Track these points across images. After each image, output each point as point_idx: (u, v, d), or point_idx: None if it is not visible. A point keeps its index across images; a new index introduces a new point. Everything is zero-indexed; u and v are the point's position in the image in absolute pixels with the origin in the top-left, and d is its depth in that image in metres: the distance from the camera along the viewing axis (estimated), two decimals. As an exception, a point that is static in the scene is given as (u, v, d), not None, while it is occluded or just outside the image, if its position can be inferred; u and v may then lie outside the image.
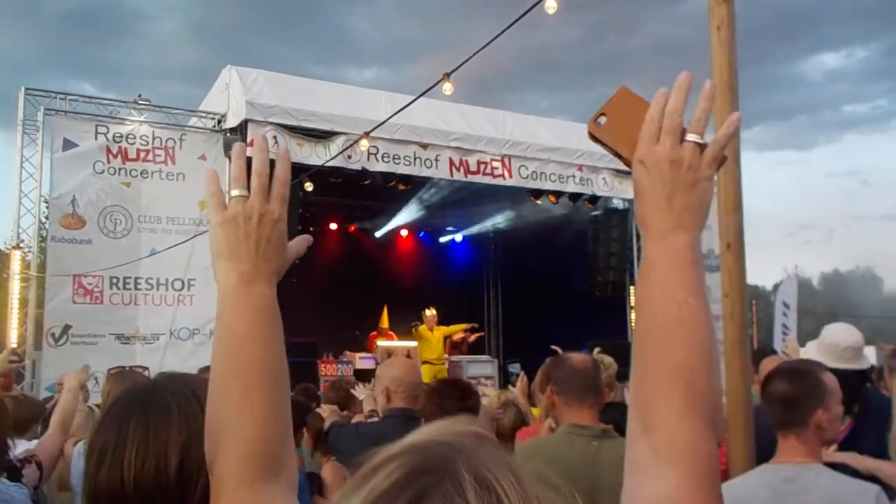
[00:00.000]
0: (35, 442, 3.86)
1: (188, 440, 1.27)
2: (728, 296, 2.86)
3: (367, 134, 9.56)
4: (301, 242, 1.24)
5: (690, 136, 1.05)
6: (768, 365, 3.93)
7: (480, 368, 13.02)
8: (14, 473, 3.12)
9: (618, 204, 13.95)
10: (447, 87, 7.16)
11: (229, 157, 1.23)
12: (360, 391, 4.59)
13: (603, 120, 1.11)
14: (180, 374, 1.48)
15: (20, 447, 3.83)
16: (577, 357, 3.20)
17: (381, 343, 12.80)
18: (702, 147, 1.05)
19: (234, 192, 1.15)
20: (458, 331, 13.81)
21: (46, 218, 10.35)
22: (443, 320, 13.58)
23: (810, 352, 4.15)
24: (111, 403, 1.41)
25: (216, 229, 1.15)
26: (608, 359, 4.89)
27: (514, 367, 10.56)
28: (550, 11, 5.37)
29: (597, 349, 5.76)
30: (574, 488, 0.74)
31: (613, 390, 4.84)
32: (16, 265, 9.84)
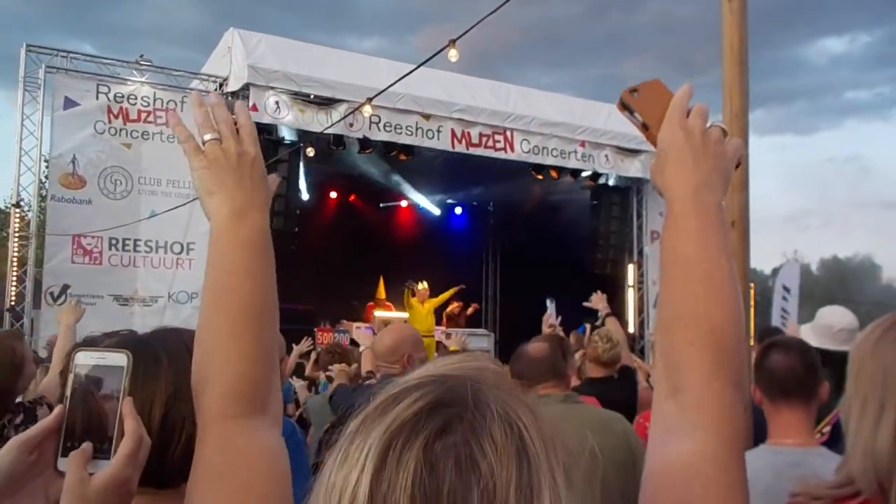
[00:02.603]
0: None
1: (175, 393, 1.26)
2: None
3: (369, 100, 9.50)
4: (271, 181, 1.23)
5: (717, 123, 1.13)
6: None
7: (477, 342, 13.01)
8: (30, 415, 3.13)
9: (619, 182, 13.91)
10: (453, 54, 7.10)
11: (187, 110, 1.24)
12: (361, 336, 4.61)
13: (636, 94, 1.18)
14: (176, 329, 1.47)
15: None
16: (533, 347, 3.24)
17: (378, 313, 12.81)
18: (725, 133, 1.13)
19: (207, 137, 1.17)
20: (447, 298, 13.74)
21: (46, 177, 10.30)
22: (440, 293, 13.56)
23: (805, 334, 4.15)
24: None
25: (200, 171, 1.15)
26: (615, 335, 4.90)
27: (552, 308, 10.36)
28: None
29: (612, 320, 5.77)
30: None
31: (618, 363, 4.87)
32: (15, 223, 9.80)
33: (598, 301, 6.07)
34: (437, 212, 17.46)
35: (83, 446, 1.04)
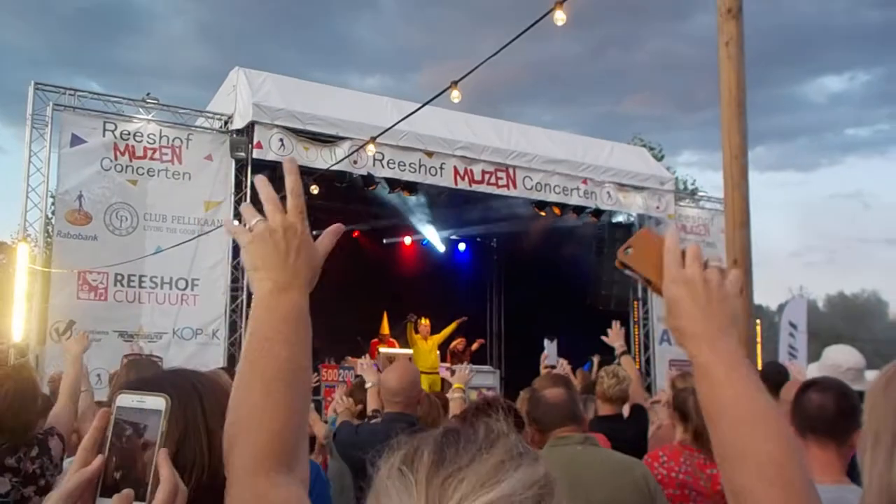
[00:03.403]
0: None
1: (184, 433, 1.27)
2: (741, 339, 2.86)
3: (373, 139, 9.60)
4: (328, 238, 1.30)
5: (713, 262, 1.21)
6: (792, 389, 3.76)
7: (482, 379, 12.96)
8: (43, 448, 3.15)
9: (622, 218, 13.96)
10: (455, 95, 7.20)
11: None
12: (365, 370, 4.61)
13: (630, 251, 1.24)
14: (184, 369, 1.49)
15: None
16: (550, 392, 3.28)
17: (383, 350, 12.78)
18: (724, 272, 1.21)
19: (253, 221, 1.24)
20: (449, 332, 13.70)
21: (53, 213, 10.37)
22: (442, 329, 13.54)
23: (812, 373, 4.15)
24: (113, 394, 1.41)
25: (247, 248, 1.23)
26: (623, 371, 4.90)
27: (552, 347, 10.17)
28: (559, 23, 5.40)
29: (627, 359, 5.74)
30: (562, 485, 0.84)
31: (626, 400, 4.86)
32: (22, 259, 9.84)
33: (615, 336, 6.04)
34: (441, 248, 17.49)
35: (125, 492, 1.06)
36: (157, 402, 1.11)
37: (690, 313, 1.16)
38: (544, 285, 15.10)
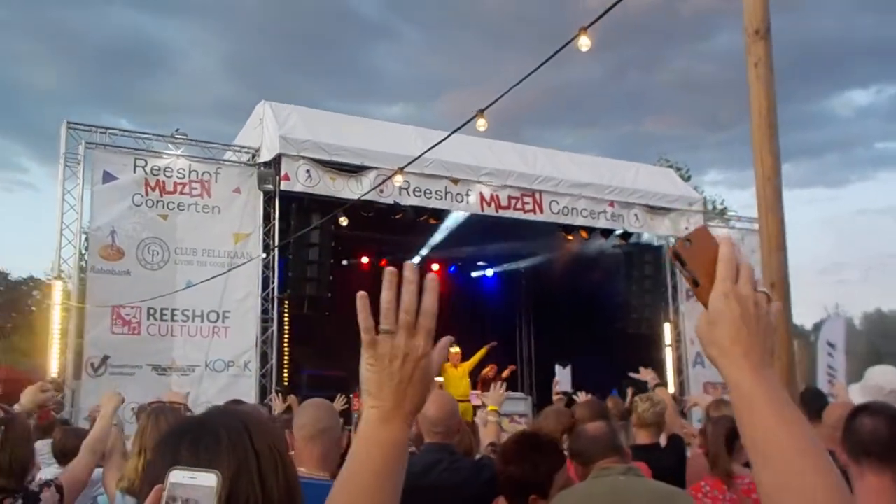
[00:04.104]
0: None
1: (237, 473, 1.28)
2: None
3: (401, 169, 9.66)
4: (439, 353, 1.28)
5: (761, 288, 1.17)
6: (837, 411, 3.72)
7: (514, 405, 12.88)
8: (31, 499, 3.11)
9: (650, 239, 13.89)
10: (481, 123, 7.23)
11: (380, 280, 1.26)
12: None
13: (688, 244, 1.20)
14: (232, 408, 1.51)
15: (50, 473, 3.87)
16: (591, 426, 3.27)
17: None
18: (769, 298, 1.18)
19: (384, 327, 1.23)
20: (479, 358, 13.63)
21: (86, 249, 10.51)
22: (472, 356, 13.49)
23: (854, 395, 4.08)
24: (165, 434, 1.42)
25: (365, 367, 1.24)
26: (658, 396, 4.85)
27: (565, 374, 10.04)
28: (584, 49, 5.41)
29: (662, 391, 5.70)
30: None
31: (662, 424, 4.80)
32: (57, 295, 9.97)
33: (646, 374, 6.03)
34: (469, 275, 17.49)
35: None
36: (208, 478, 1.13)
37: (737, 333, 1.13)
38: (574, 309, 15.03)
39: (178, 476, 1.13)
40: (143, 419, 3.74)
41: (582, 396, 5.88)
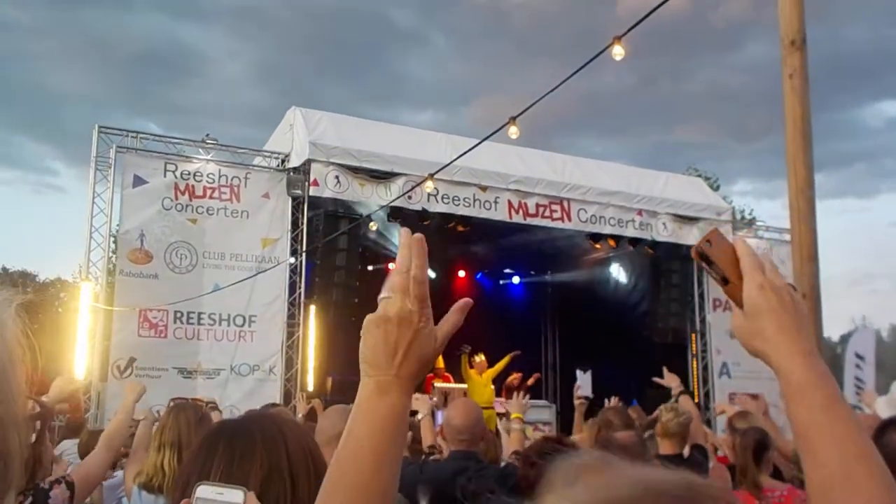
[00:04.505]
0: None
1: (269, 475, 1.30)
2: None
3: (431, 176, 9.67)
4: (455, 315, 1.21)
5: (788, 279, 1.15)
6: (863, 422, 3.67)
7: (538, 413, 12.82)
8: (40, 496, 3.10)
9: (678, 250, 13.77)
10: (513, 131, 7.21)
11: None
12: (420, 404, 4.58)
13: (709, 244, 1.19)
14: (269, 413, 1.53)
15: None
16: (621, 435, 3.26)
17: (438, 384, 12.74)
18: (796, 290, 1.16)
19: (382, 295, 1.17)
20: (503, 366, 13.59)
21: (114, 252, 10.61)
22: (496, 363, 13.45)
23: (881, 408, 4.02)
24: (203, 436, 1.45)
25: (363, 330, 1.16)
26: (683, 407, 4.80)
27: (585, 378, 9.90)
28: (617, 58, 5.38)
29: (686, 398, 5.62)
30: None
31: (686, 435, 4.75)
32: (85, 297, 10.07)
33: (670, 379, 5.94)
34: (496, 282, 17.46)
35: None
36: (235, 494, 1.12)
37: (781, 322, 1.10)
38: (600, 318, 14.94)
39: (205, 491, 1.13)
40: (163, 415, 3.74)
41: (614, 402, 5.81)
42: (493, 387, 13.06)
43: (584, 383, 9.64)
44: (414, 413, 4.89)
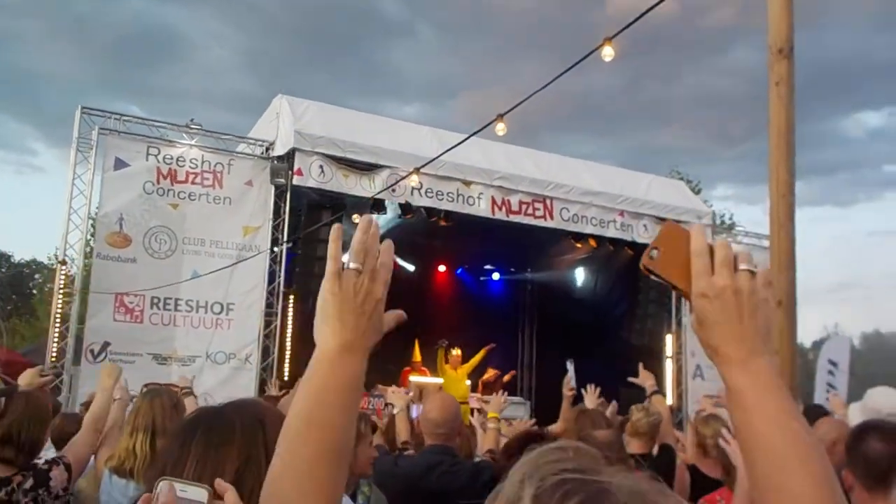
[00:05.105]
0: None
1: (245, 464, 1.31)
2: (778, 352, 2.82)
3: (417, 170, 9.64)
4: (392, 318, 1.28)
5: (743, 266, 1.12)
6: (824, 426, 3.72)
7: (513, 410, 12.84)
8: (41, 477, 3.12)
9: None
10: (500, 128, 7.21)
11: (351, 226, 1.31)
12: (396, 398, 4.58)
13: (655, 254, 1.15)
14: (250, 402, 1.54)
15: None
16: (601, 433, 3.30)
17: (414, 378, 12.74)
18: (754, 275, 1.12)
19: (352, 265, 1.22)
20: (478, 360, 13.64)
21: (92, 235, 10.51)
22: (471, 357, 13.50)
23: (853, 415, 4.05)
24: (182, 422, 1.46)
25: (329, 296, 1.21)
26: (654, 407, 4.82)
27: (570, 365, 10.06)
28: (607, 59, 5.39)
29: (658, 398, 5.63)
30: None
31: (656, 434, 4.78)
32: (60, 279, 9.97)
33: (645, 378, 5.95)
34: (475, 278, 17.47)
35: None
36: (199, 493, 1.12)
37: (721, 332, 1.09)
38: (577, 317, 15.00)
39: (168, 488, 1.11)
40: (137, 400, 3.73)
41: (591, 390, 5.79)
42: (468, 382, 13.09)
43: (572, 375, 9.71)
44: (390, 406, 4.89)
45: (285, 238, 10.96)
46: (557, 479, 0.79)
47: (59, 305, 9.93)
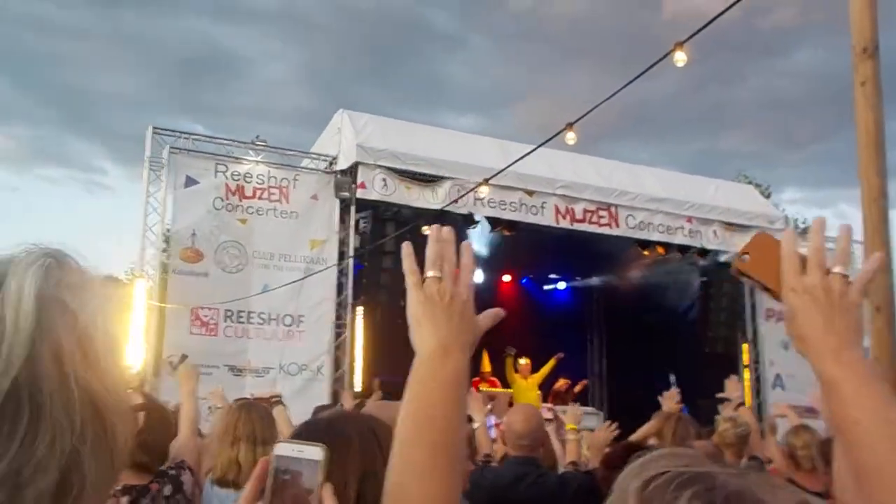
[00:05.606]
0: None
1: (366, 473, 1.32)
2: (878, 359, 2.74)
3: (486, 181, 9.64)
4: (490, 317, 1.32)
5: (836, 269, 1.16)
6: None
7: (586, 420, 12.70)
8: (176, 484, 3.21)
9: (729, 257, 13.57)
10: (570, 137, 7.17)
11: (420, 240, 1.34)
12: (476, 410, 4.57)
13: (746, 258, 1.21)
14: (357, 413, 1.56)
15: None
16: (700, 444, 3.30)
17: (483, 389, 12.71)
18: (847, 279, 1.15)
19: (430, 273, 1.27)
20: (548, 371, 13.52)
21: (165, 251, 10.77)
22: (541, 367, 13.40)
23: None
24: (293, 434, 1.47)
25: (416, 305, 1.25)
26: (742, 418, 4.73)
27: (672, 378, 9.97)
28: (679, 64, 5.32)
29: (745, 411, 5.47)
30: None
31: (745, 445, 4.68)
32: (140, 294, 10.22)
33: (733, 388, 5.75)
34: (540, 287, 17.38)
35: None
36: (315, 451, 1.12)
37: (812, 324, 1.12)
38: (648, 326, 14.79)
39: (284, 448, 1.13)
40: (233, 412, 3.79)
41: (672, 393, 5.59)
42: (538, 392, 13.00)
43: (676, 389, 9.56)
44: (470, 420, 4.88)
45: (352, 251, 11.07)
46: (671, 473, 0.81)
47: (140, 320, 10.17)
